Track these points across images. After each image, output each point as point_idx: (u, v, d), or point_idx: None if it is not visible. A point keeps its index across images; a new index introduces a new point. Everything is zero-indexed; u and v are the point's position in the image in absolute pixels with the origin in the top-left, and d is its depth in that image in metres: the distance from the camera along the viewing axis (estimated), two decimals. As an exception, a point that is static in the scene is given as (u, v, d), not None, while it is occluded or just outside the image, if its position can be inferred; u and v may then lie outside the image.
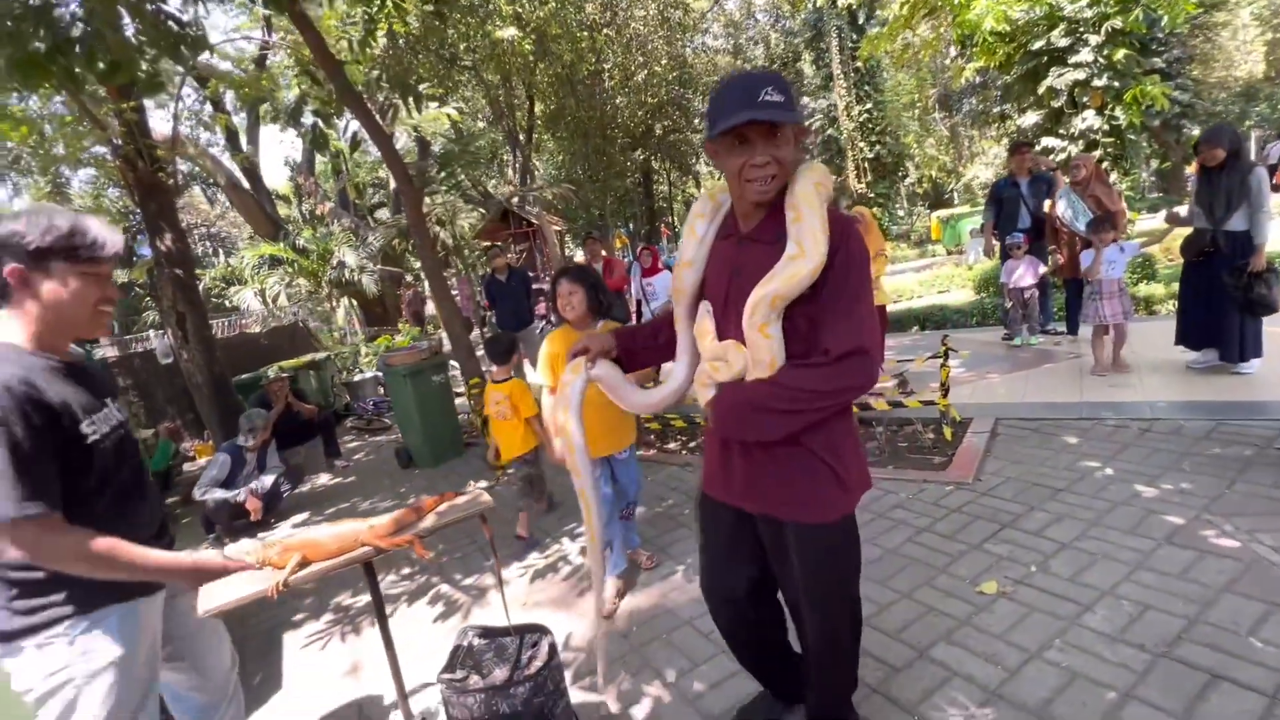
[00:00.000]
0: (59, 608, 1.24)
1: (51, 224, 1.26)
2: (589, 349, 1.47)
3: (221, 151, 12.58)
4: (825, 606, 1.45)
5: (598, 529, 1.45)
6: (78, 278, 1.29)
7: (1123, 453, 3.15)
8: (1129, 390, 3.90)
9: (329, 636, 2.80)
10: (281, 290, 11.81)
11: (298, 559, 1.30)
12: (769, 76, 1.21)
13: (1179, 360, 4.19)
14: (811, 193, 1.24)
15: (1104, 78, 9.99)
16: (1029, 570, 2.34)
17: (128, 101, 5.47)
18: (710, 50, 19.61)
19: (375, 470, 5.59)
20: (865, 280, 1.26)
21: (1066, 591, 2.18)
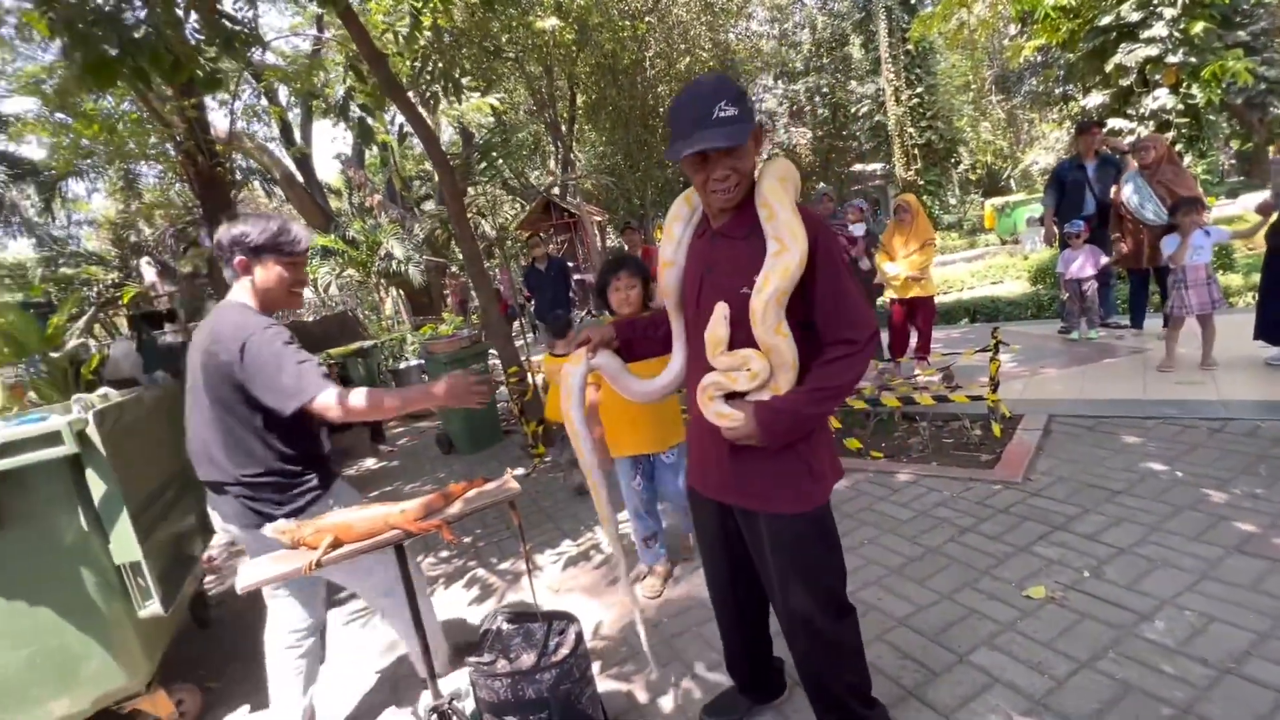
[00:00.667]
0: (313, 490, 1.83)
1: (266, 227, 1.77)
2: (590, 339, 1.55)
3: (277, 146, 13.04)
4: (798, 597, 1.46)
5: (608, 514, 1.56)
6: (281, 267, 1.79)
7: (1190, 454, 2.95)
8: (1200, 388, 3.64)
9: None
10: (333, 280, 12.23)
11: (330, 540, 1.33)
12: (721, 88, 1.25)
13: (1257, 356, 3.89)
14: (778, 187, 1.30)
15: (1179, 53, 9.31)
16: (1081, 575, 2.21)
17: (189, 100, 5.73)
18: (754, 36, 19.20)
19: (417, 455, 5.74)
20: (846, 265, 1.36)
21: (1122, 599, 2.05)
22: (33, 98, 7.10)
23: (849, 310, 1.30)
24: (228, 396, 1.72)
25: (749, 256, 1.31)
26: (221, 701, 2.45)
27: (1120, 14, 9.55)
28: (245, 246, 1.77)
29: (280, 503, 1.78)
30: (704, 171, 1.29)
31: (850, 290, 1.31)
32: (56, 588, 1.97)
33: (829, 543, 1.47)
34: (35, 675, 1.95)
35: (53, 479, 1.96)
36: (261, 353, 1.65)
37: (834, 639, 1.50)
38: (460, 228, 4.76)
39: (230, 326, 1.71)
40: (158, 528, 2.34)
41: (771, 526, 1.43)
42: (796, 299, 1.29)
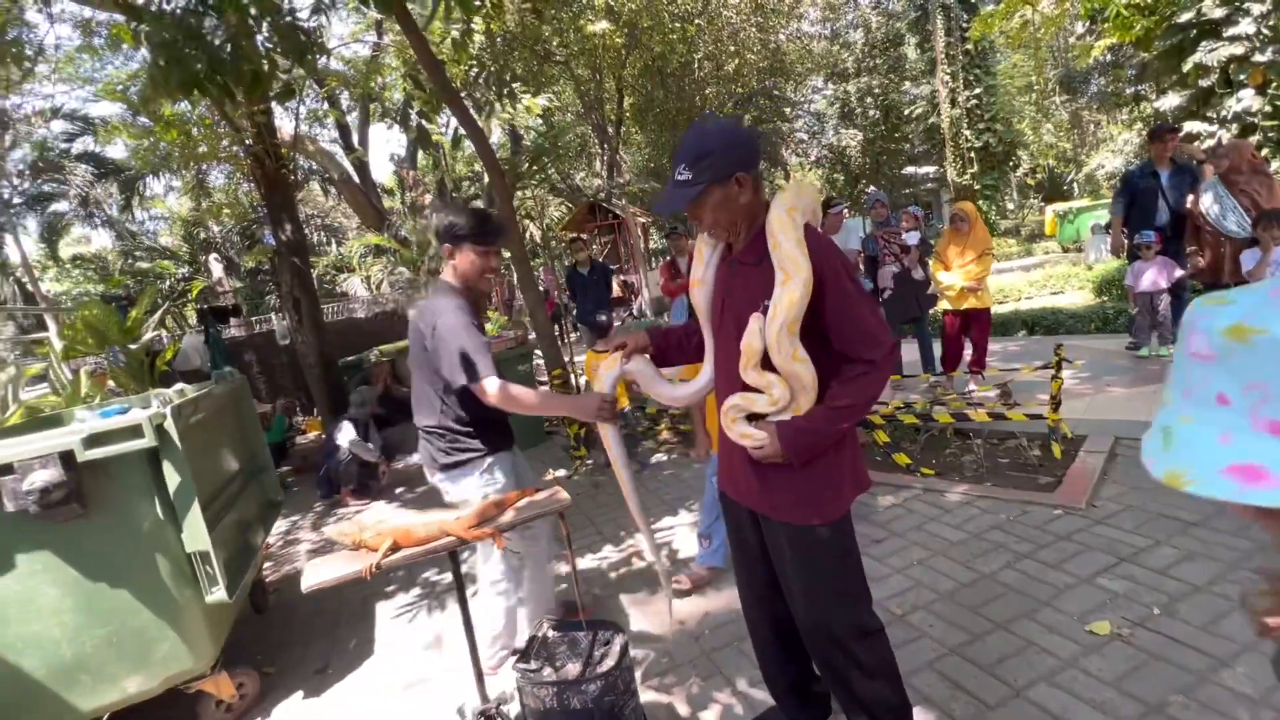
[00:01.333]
0: (476, 451, 2.12)
1: (469, 219, 2.07)
2: (626, 345, 1.65)
3: (335, 147, 13.55)
4: (813, 608, 1.49)
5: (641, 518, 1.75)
6: (477, 255, 2.08)
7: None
8: None
9: (416, 610, 2.97)
10: (385, 278, 12.65)
11: (389, 544, 1.37)
12: (686, 148, 1.36)
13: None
14: (784, 218, 1.35)
15: (1268, 52, 8.70)
16: (1151, 612, 2.09)
17: (259, 106, 6.00)
18: (805, 37, 18.90)
19: (462, 453, 5.87)
20: (858, 284, 1.38)
21: (1197, 641, 1.93)
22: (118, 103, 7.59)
23: (861, 331, 1.35)
24: (421, 359, 2.10)
25: (761, 283, 1.38)
26: (277, 687, 2.55)
27: (1201, 10, 8.98)
28: (451, 235, 2.07)
29: (446, 453, 2.12)
30: (696, 220, 1.43)
31: (860, 312, 1.36)
32: (134, 572, 2.09)
33: (844, 556, 1.49)
34: (114, 653, 2.08)
35: (133, 469, 2.08)
36: (447, 331, 1.98)
37: (853, 654, 1.49)
38: (510, 230, 4.84)
39: (433, 302, 2.09)
40: (224, 518, 2.47)
41: (788, 535, 1.48)
42: (811, 321, 1.34)
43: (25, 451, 1.91)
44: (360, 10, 9.97)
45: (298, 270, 6.35)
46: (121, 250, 15.64)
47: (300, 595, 3.33)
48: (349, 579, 1.33)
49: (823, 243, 1.36)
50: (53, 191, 14.01)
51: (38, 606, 1.99)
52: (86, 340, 4.76)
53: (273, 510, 3.19)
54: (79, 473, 1.98)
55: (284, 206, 6.47)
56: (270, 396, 7.94)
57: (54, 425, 2.78)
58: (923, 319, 5.10)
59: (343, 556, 1.43)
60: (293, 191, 6.67)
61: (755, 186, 1.41)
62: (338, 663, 2.66)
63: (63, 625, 2.02)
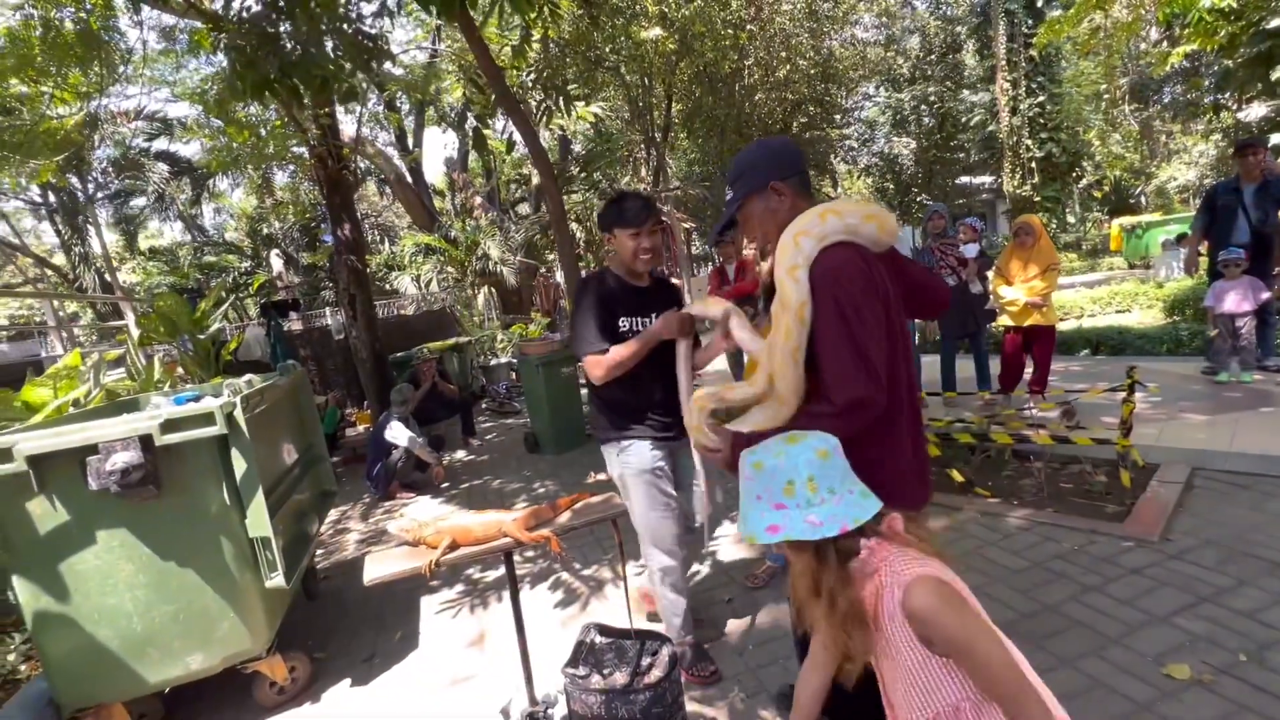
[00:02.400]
0: (615, 431, 2.14)
1: (615, 204, 2.12)
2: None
3: (391, 149, 14.01)
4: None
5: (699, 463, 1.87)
6: (628, 237, 2.09)
7: None
8: None
9: (461, 606, 3.01)
10: (434, 277, 12.95)
11: (449, 541, 1.39)
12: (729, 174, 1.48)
13: None
14: (786, 242, 1.33)
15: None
16: (1237, 659, 1.95)
17: (324, 109, 6.25)
18: (859, 43, 18.56)
19: (505, 451, 5.95)
20: (847, 320, 1.25)
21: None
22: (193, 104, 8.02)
23: (835, 372, 1.26)
24: None
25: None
26: (326, 673, 2.62)
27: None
28: (604, 222, 2.16)
29: (601, 429, 2.20)
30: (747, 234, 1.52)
31: (841, 352, 1.26)
32: (201, 553, 2.18)
33: None
34: (179, 629, 2.17)
35: (203, 455, 2.18)
36: (576, 307, 2.15)
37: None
38: (560, 235, 4.90)
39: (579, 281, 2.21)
40: (283, 505, 2.55)
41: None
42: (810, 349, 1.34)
43: (109, 434, 2.02)
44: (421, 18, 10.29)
45: (354, 268, 6.56)
46: (191, 245, 16.50)
47: (349, 583, 3.44)
48: (409, 574, 1.35)
49: (827, 272, 1.29)
50: (131, 187, 14.90)
51: (115, 581, 2.09)
52: (159, 329, 5.03)
53: (326, 499, 3.29)
54: (155, 456, 2.08)
55: (344, 206, 6.70)
56: (323, 389, 8.23)
57: (131, 409, 2.94)
58: (979, 334, 4.92)
59: (402, 551, 1.45)
60: (352, 192, 6.90)
61: (798, 192, 1.41)
62: (384, 653, 2.72)
63: (135, 600, 2.12)
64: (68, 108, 5.96)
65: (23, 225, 19.08)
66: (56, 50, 5.08)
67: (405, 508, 4.62)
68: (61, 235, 14.41)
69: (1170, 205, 22.00)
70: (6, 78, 5.46)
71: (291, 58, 3.63)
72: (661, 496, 2.12)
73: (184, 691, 2.37)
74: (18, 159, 5.97)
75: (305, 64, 3.67)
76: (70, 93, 5.66)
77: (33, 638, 2.09)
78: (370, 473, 4.93)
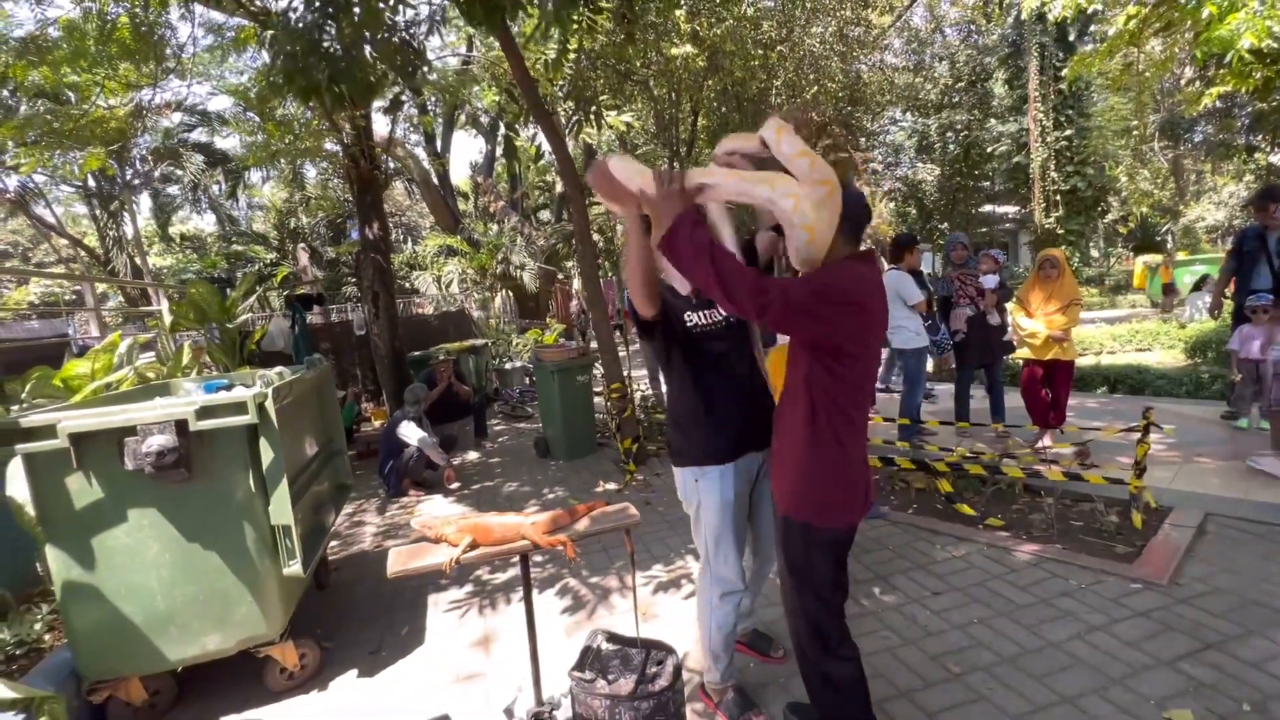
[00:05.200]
0: (688, 456, 1.99)
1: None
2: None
3: (420, 151, 14.28)
4: (785, 595, 1.77)
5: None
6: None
7: (1390, 585, 2.51)
8: None
9: (468, 607, 3.06)
10: (455, 278, 13.14)
11: (469, 541, 1.44)
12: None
13: None
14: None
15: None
16: (1241, 708, 1.94)
17: (359, 110, 6.41)
18: (888, 68, 18.61)
19: (516, 455, 6.02)
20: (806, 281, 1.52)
21: None
22: (236, 100, 8.26)
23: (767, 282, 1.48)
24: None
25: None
26: (334, 662, 2.68)
27: (1331, 63, 8.36)
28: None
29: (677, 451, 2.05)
30: None
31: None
32: (224, 537, 2.26)
33: (804, 559, 1.68)
34: (199, 610, 2.24)
35: (233, 442, 2.26)
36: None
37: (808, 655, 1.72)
38: (584, 245, 4.98)
39: None
40: (303, 496, 2.62)
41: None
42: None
43: (147, 416, 2.11)
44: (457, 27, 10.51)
45: (380, 267, 6.70)
46: (220, 234, 16.87)
47: (360, 576, 3.50)
48: (432, 569, 1.41)
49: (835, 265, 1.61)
50: (168, 175, 15.29)
51: (142, 559, 2.17)
52: (189, 316, 5.17)
53: (343, 492, 3.37)
54: (189, 440, 2.16)
55: (373, 206, 6.85)
56: (341, 384, 8.37)
57: (162, 394, 3.05)
58: (996, 366, 4.91)
59: (424, 547, 1.51)
60: (382, 192, 7.06)
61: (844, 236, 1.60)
62: (390, 646, 2.77)
63: (160, 579, 2.19)
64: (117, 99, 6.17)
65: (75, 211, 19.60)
66: (110, 43, 5.29)
67: (418, 505, 4.69)
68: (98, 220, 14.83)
69: (1197, 245, 21.73)
70: (61, 67, 5.68)
71: (339, 65, 3.76)
72: (737, 521, 2.00)
73: (196, 671, 2.44)
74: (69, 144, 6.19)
75: (351, 71, 3.80)
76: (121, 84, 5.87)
77: (60, 608, 2.17)
78: (382, 470, 5.01)
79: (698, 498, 1.98)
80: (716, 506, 1.95)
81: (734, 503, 1.96)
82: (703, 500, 1.97)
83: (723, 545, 1.97)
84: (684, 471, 2.01)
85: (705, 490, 1.96)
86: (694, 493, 1.99)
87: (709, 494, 1.95)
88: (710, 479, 1.95)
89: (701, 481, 1.96)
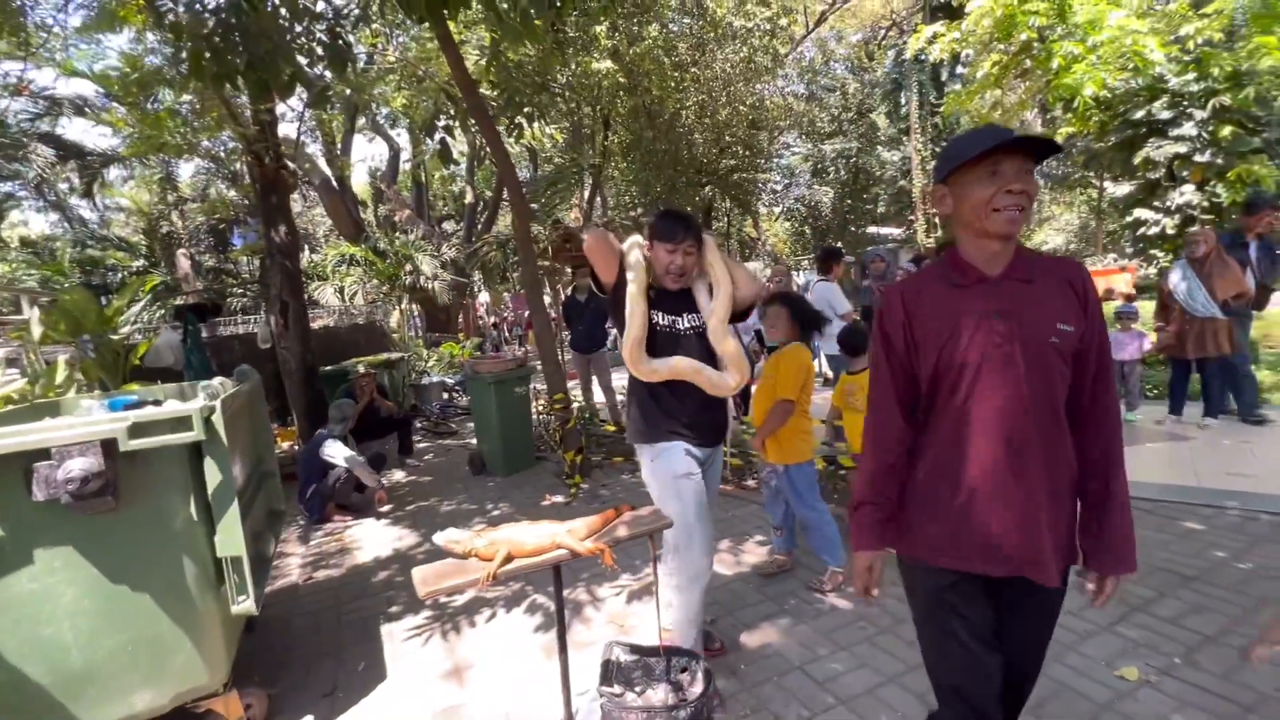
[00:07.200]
0: (644, 435, 2.19)
1: (657, 217, 2.20)
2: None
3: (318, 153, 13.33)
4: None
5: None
6: (664, 252, 2.16)
7: (1257, 547, 2.96)
8: (1253, 480, 3.68)
9: (429, 633, 2.83)
10: (360, 289, 12.32)
11: (504, 554, 1.34)
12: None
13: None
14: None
15: (1207, 153, 9.68)
16: (1173, 661, 2.20)
17: (265, 105, 5.88)
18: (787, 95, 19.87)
19: (447, 472, 5.70)
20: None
21: (1223, 689, 2.04)
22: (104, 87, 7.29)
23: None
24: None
25: (1046, 299, 1.28)
26: (283, 710, 2.38)
27: (1151, 111, 9.95)
28: (649, 233, 2.21)
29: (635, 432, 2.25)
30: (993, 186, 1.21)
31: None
32: (159, 574, 1.95)
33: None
34: (127, 663, 1.91)
35: (173, 463, 1.96)
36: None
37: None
38: (525, 251, 4.85)
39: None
40: (246, 522, 2.33)
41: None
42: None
43: (65, 437, 1.78)
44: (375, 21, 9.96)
45: (289, 273, 6.15)
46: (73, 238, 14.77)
47: (291, 611, 3.16)
48: (466, 587, 1.29)
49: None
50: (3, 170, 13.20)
51: (53, 608, 1.82)
52: (60, 326, 4.45)
53: (277, 519, 3.02)
54: (116, 462, 1.85)
55: (279, 207, 6.29)
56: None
57: (52, 414, 2.60)
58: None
59: (452, 565, 1.38)
60: (289, 192, 6.50)
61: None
62: (347, 686, 2.51)
63: (76, 630, 1.85)
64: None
65: None
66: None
67: (347, 531, 4.30)
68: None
69: (1045, 265, 24.77)
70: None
71: (261, 52, 3.44)
72: (696, 500, 2.12)
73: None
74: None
75: (274, 59, 3.48)
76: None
77: (-62, 677, 1.77)
78: (303, 495, 4.56)
79: (653, 475, 2.17)
80: (670, 481, 2.11)
81: (686, 479, 2.12)
82: (657, 477, 2.14)
83: (684, 521, 2.06)
84: (641, 454, 2.22)
85: (658, 469, 2.14)
86: (651, 473, 2.18)
87: (661, 471, 2.13)
88: (663, 456, 2.14)
89: (656, 461, 2.15)
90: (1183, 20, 6.81)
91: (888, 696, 2.14)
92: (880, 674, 2.26)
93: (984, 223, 1.24)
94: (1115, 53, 6.41)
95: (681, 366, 2.11)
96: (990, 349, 1.24)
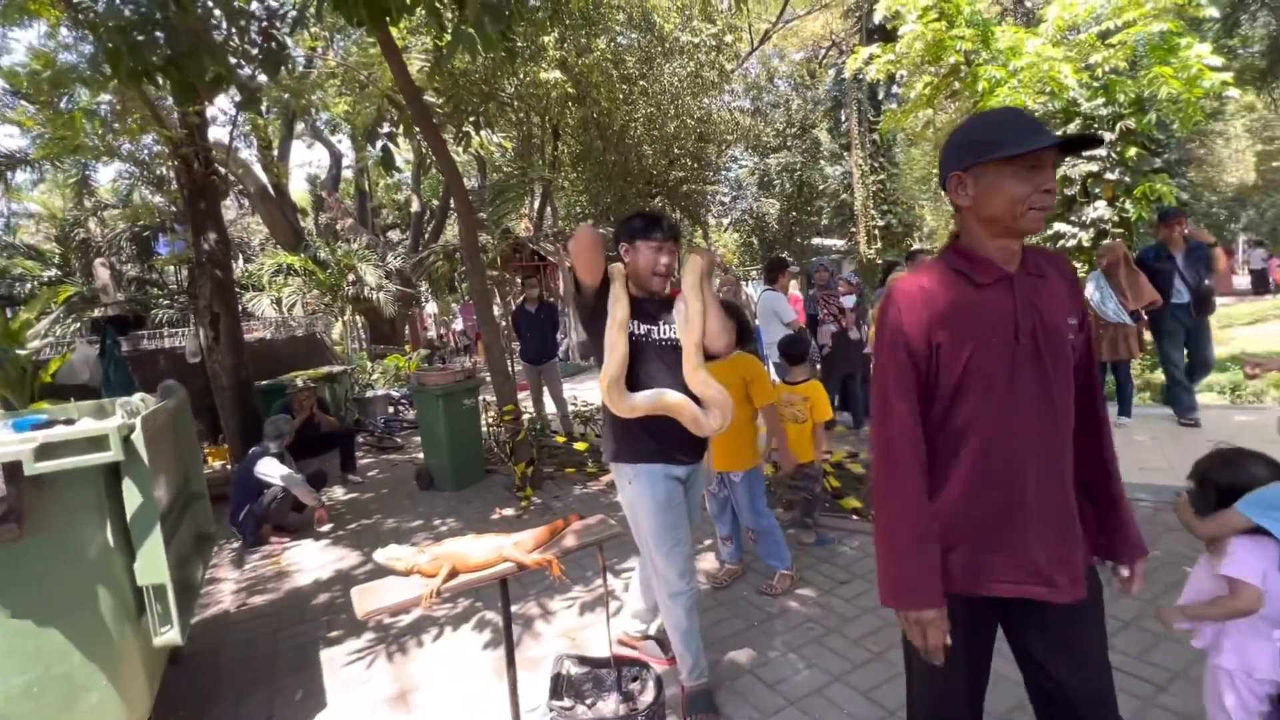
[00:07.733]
0: (620, 455, 2.07)
1: (641, 216, 2.13)
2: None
3: (253, 160, 12.77)
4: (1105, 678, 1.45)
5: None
6: (649, 250, 2.09)
7: (1167, 535, 3.19)
8: (1162, 474, 3.96)
9: (372, 656, 2.72)
10: (299, 300, 11.83)
11: (448, 569, 1.31)
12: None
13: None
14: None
15: (1116, 172, 10.45)
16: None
17: (194, 107, 5.61)
18: (734, 110, 20.36)
19: (393, 488, 5.52)
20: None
21: (1137, 670, 2.19)
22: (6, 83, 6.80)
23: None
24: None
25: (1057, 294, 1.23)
26: (212, 746, 2.24)
27: (1067, 131, 10.69)
28: (627, 232, 2.13)
29: (610, 451, 2.12)
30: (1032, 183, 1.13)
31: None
32: (69, 607, 1.82)
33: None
34: (29, 706, 1.77)
35: (86, 486, 1.83)
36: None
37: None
38: (473, 261, 4.78)
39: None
40: (169, 548, 2.19)
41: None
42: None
43: (-40, 461, 1.64)
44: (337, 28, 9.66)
45: (220, 283, 5.85)
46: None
47: (221, 642, 3.01)
48: (408, 605, 1.25)
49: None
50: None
51: (-55, 649, 1.66)
52: (-44, 342, 4.09)
53: (206, 543, 2.85)
54: (20, 487, 1.71)
55: (209, 214, 6.00)
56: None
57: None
58: (857, 376, 5.50)
59: (396, 582, 1.34)
60: (220, 199, 6.21)
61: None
62: (283, 717, 2.38)
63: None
64: None
65: None
66: None
67: (284, 554, 4.10)
68: None
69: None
70: None
71: (183, 47, 3.28)
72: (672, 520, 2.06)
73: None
74: None
75: (197, 56, 3.32)
76: None
77: None
78: (236, 516, 4.32)
79: (632, 499, 2.06)
80: (649, 507, 2.03)
81: (666, 503, 2.04)
82: (636, 501, 2.05)
83: (661, 546, 2.03)
84: (618, 473, 2.11)
85: (638, 492, 2.04)
86: (628, 494, 2.08)
87: (641, 495, 2.04)
88: (642, 479, 2.05)
89: (634, 483, 2.05)
90: (1091, 49, 7.33)
91: (835, 695, 2.19)
92: (827, 673, 2.32)
93: (1018, 220, 1.15)
94: (1034, 78, 6.86)
95: (667, 401, 1.99)
96: (1021, 352, 1.16)
